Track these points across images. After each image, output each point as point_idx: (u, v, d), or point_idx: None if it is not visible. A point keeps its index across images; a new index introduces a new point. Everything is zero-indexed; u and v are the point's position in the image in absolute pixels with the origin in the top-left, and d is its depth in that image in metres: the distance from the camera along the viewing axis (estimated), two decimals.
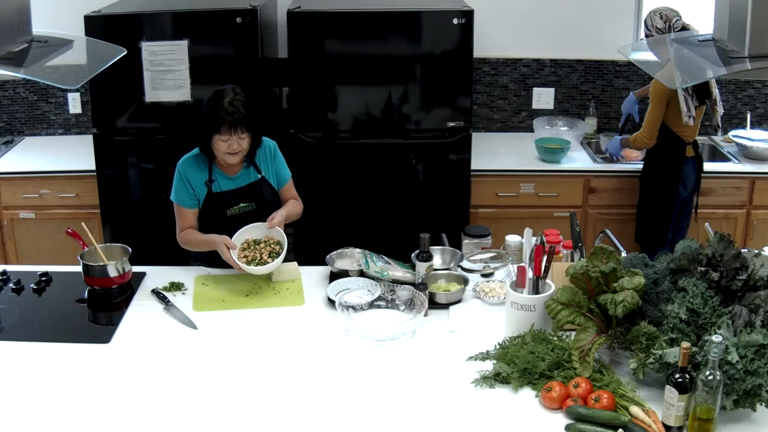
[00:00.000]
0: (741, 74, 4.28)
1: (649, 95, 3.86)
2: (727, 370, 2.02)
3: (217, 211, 2.94)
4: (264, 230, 2.89)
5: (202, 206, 2.94)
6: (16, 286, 2.89)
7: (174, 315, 2.70)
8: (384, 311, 2.68)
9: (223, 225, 2.92)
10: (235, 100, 2.79)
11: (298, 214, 3.09)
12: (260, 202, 2.98)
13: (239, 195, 2.95)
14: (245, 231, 2.88)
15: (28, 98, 4.63)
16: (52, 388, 2.27)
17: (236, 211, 2.95)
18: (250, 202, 2.96)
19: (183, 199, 2.93)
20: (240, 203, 2.95)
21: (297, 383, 2.30)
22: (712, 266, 2.25)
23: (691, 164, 3.95)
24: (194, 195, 2.92)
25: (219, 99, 2.80)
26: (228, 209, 2.94)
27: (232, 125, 2.77)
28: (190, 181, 2.91)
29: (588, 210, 4.23)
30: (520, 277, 2.52)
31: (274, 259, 2.81)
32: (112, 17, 3.80)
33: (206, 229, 2.96)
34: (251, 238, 2.88)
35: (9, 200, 4.16)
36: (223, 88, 2.84)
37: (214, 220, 2.95)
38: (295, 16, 3.81)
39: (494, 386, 2.26)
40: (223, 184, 2.95)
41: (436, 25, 3.84)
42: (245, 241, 2.87)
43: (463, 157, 4.02)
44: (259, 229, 2.89)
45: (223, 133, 2.79)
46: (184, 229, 2.95)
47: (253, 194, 2.97)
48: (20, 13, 2.56)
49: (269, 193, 3.01)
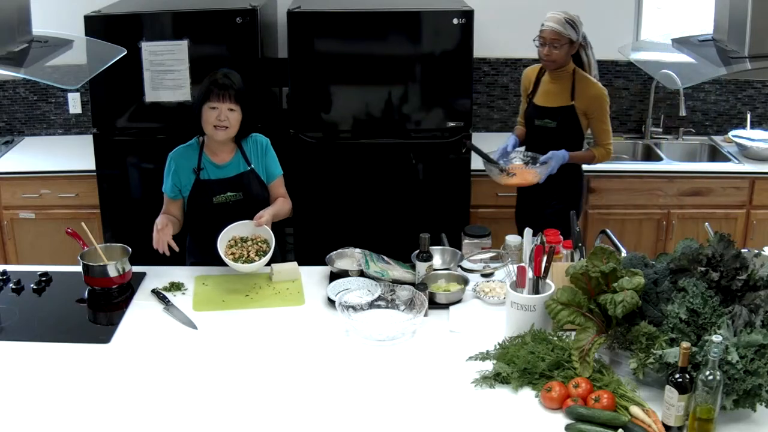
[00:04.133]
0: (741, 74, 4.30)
1: (599, 106, 3.51)
2: (727, 370, 2.02)
3: (204, 199, 2.98)
4: (251, 228, 2.90)
5: (189, 193, 2.99)
6: (16, 286, 2.89)
7: (174, 315, 2.70)
8: (384, 311, 2.68)
9: (210, 213, 2.97)
10: (229, 74, 2.93)
11: (287, 213, 3.11)
12: (248, 192, 3.01)
13: (227, 184, 2.99)
14: (233, 228, 2.89)
15: (28, 98, 4.63)
16: (52, 388, 2.27)
17: (223, 199, 2.98)
18: (238, 192, 2.99)
19: (166, 186, 3.01)
20: (227, 192, 2.98)
21: (297, 383, 2.30)
22: (712, 266, 2.25)
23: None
24: (177, 185, 2.98)
25: (213, 74, 2.93)
26: (214, 197, 2.97)
27: (222, 92, 2.86)
28: (176, 168, 2.98)
29: (588, 210, 4.22)
30: (520, 277, 2.52)
31: (261, 257, 2.82)
32: (112, 17, 3.81)
33: (193, 216, 3.02)
34: (238, 235, 2.90)
35: (9, 200, 4.16)
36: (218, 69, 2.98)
37: (200, 208, 2.99)
38: (295, 16, 3.81)
39: (494, 386, 2.26)
40: (212, 172, 2.98)
41: (436, 25, 3.84)
42: (232, 238, 2.89)
43: (463, 157, 4.02)
44: (246, 226, 2.91)
45: (212, 100, 2.86)
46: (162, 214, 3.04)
47: (240, 184, 3.00)
48: (20, 13, 2.57)
49: (257, 185, 3.03)
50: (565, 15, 3.45)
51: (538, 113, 3.64)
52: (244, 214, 2.94)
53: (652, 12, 4.52)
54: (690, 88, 4.54)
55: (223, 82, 2.88)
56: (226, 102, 2.87)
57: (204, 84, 2.92)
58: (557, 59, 3.47)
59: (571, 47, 3.48)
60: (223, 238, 2.86)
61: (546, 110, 3.61)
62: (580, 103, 3.53)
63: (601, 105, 3.53)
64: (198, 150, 3.00)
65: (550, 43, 3.45)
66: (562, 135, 3.57)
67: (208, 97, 2.87)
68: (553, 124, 3.58)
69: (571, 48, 3.49)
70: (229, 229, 2.89)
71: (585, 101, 3.52)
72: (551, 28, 3.43)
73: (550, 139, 3.56)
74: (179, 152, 3.02)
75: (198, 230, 3.06)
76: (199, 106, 2.90)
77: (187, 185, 2.98)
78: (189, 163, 2.98)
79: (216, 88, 2.87)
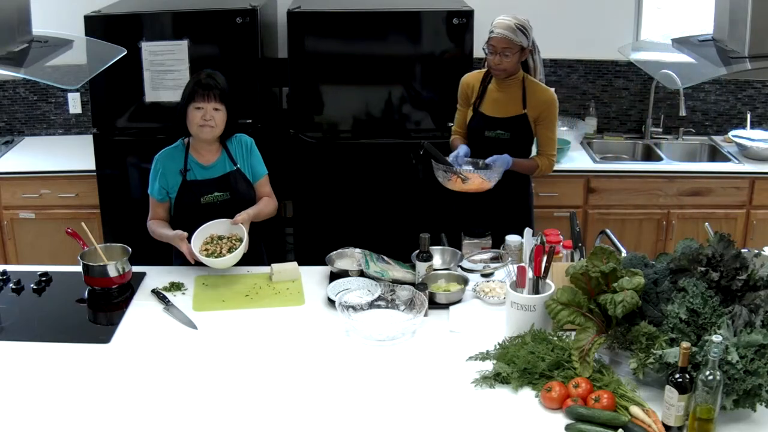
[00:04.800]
0: (741, 74, 4.30)
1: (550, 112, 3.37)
2: (727, 370, 2.02)
3: (192, 200, 2.98)
4: (229, 226, 2.93)
5: (176, 194, 2.99)
6: (16, 286, 2.89)
7: (174, 315, 2.70)
8: (384, 311, 2.68)
9: (197, 213, 2.97)
10: (212, 74, 2.94)
11: (271, 212, 3.11)
12: (235, 192, 3.01)
13: (214, 184, 2.99)
14: (210, 226, 2.92)
15: (28, 98, 4.63)
16: (52, 388, 2.27)
17: (210, 199, 2.99)
18: (225, 192, 3.00)
19: (153, 189, 3.02)
20: (214, 192, 2.99)
21: (297, 383, 2.30)
22: (712, 266, 2.25)
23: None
24: (164, 187, 2.99)
25: (197, 75, 2.95)
26: (202, 197, 2.98)
27: (206, 92, 2.88)
28: (164, 171, 2.98)
29: (588, 210, 4.22)
30: (520, 277, 2.53)
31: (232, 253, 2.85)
32: (112, 17, 3.81)
33: (181, 216, 3.02)
34: (216, 233, 2.93)
35: (9, 200, 4.16)
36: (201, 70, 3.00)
37: (188, 208, 3.00)
38: (295, 16, 3.82)
39: (494, 386, 2.26)
40: (198, 173, 2.99)
41: (436, 25, 3.84)
42: (210, 236, 2.92)
43: None
44: (223, 225, 2.93)
45: (197, 100, 2.88)
46: (152, 218, 3.05)
47: (227, 184, 3.01)
48: (20, 13, 2.57)
49: (244, 185, 3.04)
50: (515, 21, 3.23)
51: (489, 124, 3.39)
52: (231, 214, 2.95)
53: (652, 12, 4.52)
54: (690, 88, 4.53)
55: (207, 82, 2.89)
56: (212, 102, 2.88)
57: (188, 85, 2.94)
58: (508, 68, 3.28)
59: (522, 54, 3.29)
60: (200, 234, 2.89)
61: (498, 121, 3.38)
62: (532, 110, 3.34)
63: (552, 111, 3.36)
64: (184, 151, 3.00)
65: (500, 51, 3.24)
66: (515, 145, 3.37)
67: (193, 97, 2.89)
68: (507, 135, 3.37)
69: (522, 55, 3.30)
70: (208, 226, 2.92)
71: (537, 108, 3.34)
72: (501, 35, 3.22)
73: (503, 150, 3.32)
74: (165, 154, 3.02)
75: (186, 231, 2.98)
76: (184, 107, 2.92)
77: (174, 187, 2.99)
78: (175, 164, 2.99)
79: (200, 89, 2.88)
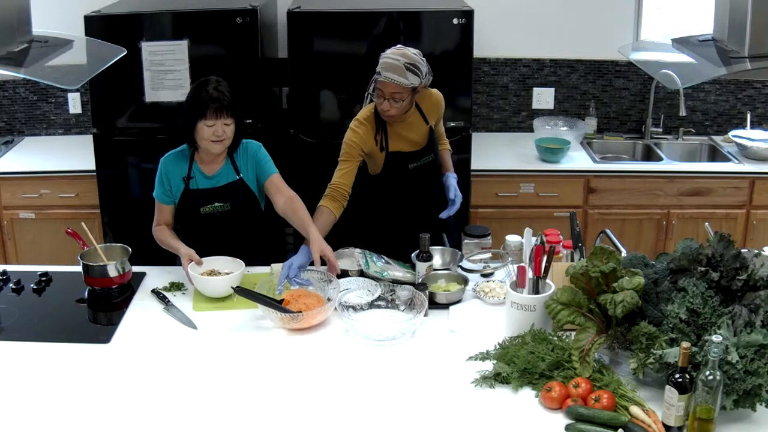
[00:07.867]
0: (741, 74, 4.30)
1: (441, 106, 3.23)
2: (727, 370, 2.02)
3: (191, 208, 2.96)
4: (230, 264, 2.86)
5: (178, 202, 2.97)
6: (16, 286, 2.89)
7: (174, 315, 2.70)
8: (384, 311, 2.68)
9: (197, 222, 2.96)
10: (219, 86, 2.85)
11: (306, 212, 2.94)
12: (235, 203, 2.98)
13: (215, 194, 2.95)
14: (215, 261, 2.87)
15: (28, 98, 4.63)
16: (52, 388, 2.27)
17: (210, 210, 2.96)
18: (225, 203, 2.96)
19: (159, 194, 2.98)
20: (215, 203, 2.95)
21: (297, 383, 2.30)
22: (712, 266, 2.25)
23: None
24: (170, 192, 2.96)
25: (203, 86, 2.84)
26: (201, 207, 2.95)
27: (218, 110, 2.80)
28: (168, 176, 2.95)
29: (588, 210, 4.22)
30: (520, 277, 2.52)
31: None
32: (112, 17, 3.81)
33: (180, 224, 3.01)
34: (217, 269, 2.87)
35: (9, 200, 4.16)
36: (207, 78, 2.89)
37: (188, 217, 2.98)
38: (295, 16, 3.81)
39: (494, 386, 2.26)
40: (201, 182, 2.96)
41: (436, 25, 3.84)
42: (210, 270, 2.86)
43: (463, 157, 4.01)
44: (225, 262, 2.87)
45: (209, 118, 2.80)
46: (159, 224, 3.00)
47: (228, 195, 2.96)
48: (20, 13, 2.57)
49: (245, 196, 2.99)
50: (404, 59, 2.88)
51: (408, 158, 3.15)
52: (230, 225, 2.95)
53: (652, 12, 4.52)
54: (690, 88, 4.53)
55: (218, 97, 2.79)
56: (222, 117, 2.81)
57: (194, 97, 2.83)
58: (400, 112, 2.99)
59: (414, 94, 2.99)
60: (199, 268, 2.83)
61: (415, 153, 3.15)
62: (431, 118, 3.18)
63: (442, 105, 3.23)
64: (189, 158, 2.95)
65: (390, 97, 2.93)
66: (436, 159, 3.24)
67: (204, 113, 2.79)
68: (431, 157, 3.19)
69: (415, 94, 3.00)
70: (213, 260, 2.87)
71: (434, 113, 3.19)
72: (391, 81, 2.87)
73: (431, 171, 3.21)
74: (170, 159, 2.97)
75: (184, 239, 2.97)
76: (193, 122, 2.82)
77: (177, 193, 2.95)
78: (179, 171, 2.94)
79: (212, 104, 2.78)
